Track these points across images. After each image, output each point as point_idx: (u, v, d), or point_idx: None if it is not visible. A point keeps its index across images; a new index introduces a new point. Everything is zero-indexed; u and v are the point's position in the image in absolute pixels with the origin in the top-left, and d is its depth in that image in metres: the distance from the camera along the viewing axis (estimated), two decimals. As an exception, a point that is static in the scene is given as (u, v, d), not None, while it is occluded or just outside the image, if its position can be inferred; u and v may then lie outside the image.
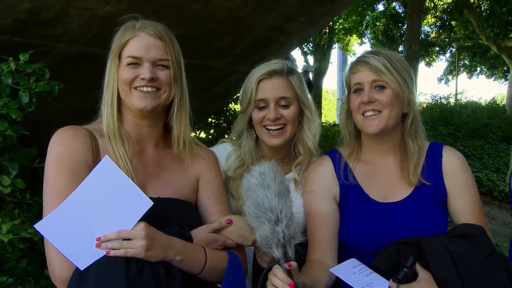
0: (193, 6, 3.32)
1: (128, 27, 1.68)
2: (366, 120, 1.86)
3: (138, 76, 1.63)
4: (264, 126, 2.08)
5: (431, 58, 25.64)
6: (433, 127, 12.00)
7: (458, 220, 1.88)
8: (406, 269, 1.58)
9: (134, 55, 1.63)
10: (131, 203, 1.45)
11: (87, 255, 1.42)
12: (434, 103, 18.00)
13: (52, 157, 1.57)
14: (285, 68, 2.09)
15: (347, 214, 1.91)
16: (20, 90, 2.46)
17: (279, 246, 1.47)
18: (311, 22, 4.25)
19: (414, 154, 1.89)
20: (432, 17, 21.83)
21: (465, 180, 1.90)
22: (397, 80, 1.82)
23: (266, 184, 1.54)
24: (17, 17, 2.84)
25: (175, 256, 1.49)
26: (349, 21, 19.49)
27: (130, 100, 1.66)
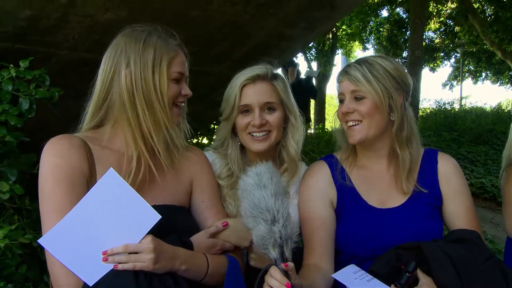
0: (191, 13, 3.35)
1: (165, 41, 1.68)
2: (348, 130, 1.89)
3: (180, 92, 1.69)
4: (249, 132, 2.05)
5: (436, 64, 25.61)
6: (437, 133, 11.97)
7: (452, 225, 1.89)
8: (408, 273, 1.59)
9: (182, 72, 1.69)
10: (138, 217, 1.43)
11: (94, 269, 1.41)
12: (438, 108, 17.96)
13: (49, 169, 1.53)
14: (269, 72, 2.07)
15: (343, 219, 1.92)
16: (20, 97, 2.50)
17: (276, 246, 1.48)
18: (311, 28, 4.27)
19: (406, 163, 1.89)
20: (436, 23, 21.81)
21: (459, 185, 1.92)
22: (375, 90, 1.82)
23: (262, 184, 1.55)
24: (17, 24, 2.87)
25: (181, 266, 1.50)
26: (352, 27, 19.51)
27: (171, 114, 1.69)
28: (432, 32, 22.95)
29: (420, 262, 1.62)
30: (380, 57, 1.92)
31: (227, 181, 2.05)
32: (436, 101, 19.86)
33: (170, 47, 1.67)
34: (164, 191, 1.72)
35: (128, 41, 1.65)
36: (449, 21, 21.24)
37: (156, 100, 1.61)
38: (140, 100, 1.60)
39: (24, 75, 2.55)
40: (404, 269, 1.61)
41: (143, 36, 1.66)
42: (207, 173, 1.88)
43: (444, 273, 1.57)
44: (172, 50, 1.67)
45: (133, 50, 1.63)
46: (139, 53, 1.62)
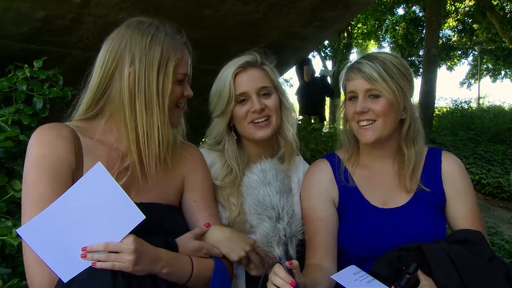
0: (204, 12, 3.36)
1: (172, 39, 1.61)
2: (360, 129, 1.84)
3: (182, 93, 1.64)
4: (250, 121, 1.97)
5: (453, 62, 25.27)
6: (453, 132, 11.82)
7: (456, 226, 1.86)
8: (409, 275, 1.55)
9: (186, 73, 1.63)
10: (122, 215, 1.37)
11: (71, 266, 1.34)
12: (454, 107, 17.72)
13: (34, 159, 1.46)
14: (258, 59, 2.01)
15: (345, 219, 1.89)
16: (34, 96, 2.52)
17: (280, 244, 1.45)
18: (324, 27, 4.25)
19: (411, 160, 1.86)
20: (453, 21, 21.51)
21: (464, 185, 1.89)
22: (391, 88, 1.78)
23: (267, 181, 1.52)
24: (32, 25, 2.91)
25: (162, 268, 1.44)
26: (368, 25, 19.37)
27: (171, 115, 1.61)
28: (449, 30, 22.66)
29: (422, 264, 1.59)
30: (388, 54, 1.87)
31: (227, 179, 1.99)
32: (452, 100, 19.63)
33: (177, 46, 1.59)
34: (153, 189, 1.65)
35: (133, 35, 1.56)
36: (467, 19, 20.92)
37: (156, 102, 1.55)
38: (140, 100, 1.53)
39: (38, 75, 2.57)
40: (405, 270, 1.58)
41: (150, 32, 1.57)
42: (201, 172, 1.80)
43: (445, 275, 1.54)
44: (179, 50, 1.59)
45: (138, 46, 1.53)
46: (145, 50, 1.53)
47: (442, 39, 21.60)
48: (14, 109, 2.32)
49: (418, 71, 18.76)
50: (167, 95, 1.56)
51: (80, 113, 1.63)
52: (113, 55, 1.55)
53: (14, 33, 2.92)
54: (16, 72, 2.56)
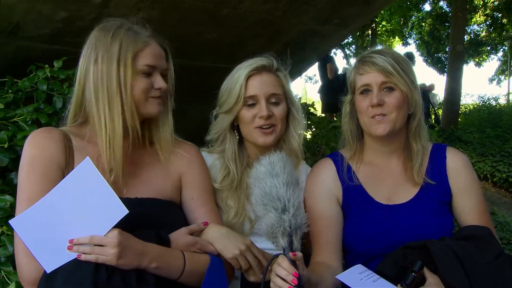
0: (222, 11, 3.35)
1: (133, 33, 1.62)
2: (374, 122, 1.81)
3: (151, 86, 1.63)
4: (256, 126, 1.95)
5: (481, 58, 24.62)
6: (480, 129, 11.52)
7: (463, 221, 1.83)
8: (414, 273, 1.53)
9: (151, 64, 1.62)
10: (107, 209, 1.41)
11: (56, 257, 1.39)
12: (481, 104, 17.27)
13: (25, 160, 1.55)
14: (274, 64, 1.99)
15: (350, 217, 1.87)
16: (54, 96, 2.57)
17: (285, 235, 1.44)
18: (344, 24, 4.19)
19: (419, 154, 1.84)
20: (481, 15, 20.96)
21: (469, 180, 1.85)
22: (405, 82, 1.78)
23: (275, 173, 1.52)
24: (54, 26, 2.95)
25: (150, 263, 1.44)
26: (392, 22, 19.07)
27: (145, 108, 1.63)
28: (477, 26, 22.09)
29: (427, 261, 1.56)
30: (394, 51, 1.89)
31: (225, 182, 1.97)
32: (479, 97, 19.11)
33: (139, 38, 1.61)
34: (149, 184, 1.67)
35: (98, 35, 1.61)
36: (496, 13, 20.35)
37: (118, 95, 1.57)
38: (103, 96, 1.56)
39: (58, 75, 2.62)
40: (410, 268, 1.55)
41: (111, 29, 1.61)
42: (198, 168, 1.80)
43: (451, 272, 1.50)
44: (140, 42, 1.60)
45: (101, 45, 1.58)
46: (106, 48, 1.57)
47: (470, 35, 21.08)
48: (33, 108, 2.36)
49: (445, 68, 18.37)
50: (129, 86, 1.58)
51: (70, 121, 1.70)
52: (84, 59, 1.63)
53: (36, 34, 2.98)
54: (37, 72, 2.61)
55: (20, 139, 2.16)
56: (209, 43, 3.60)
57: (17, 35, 2.94)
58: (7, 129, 2.25)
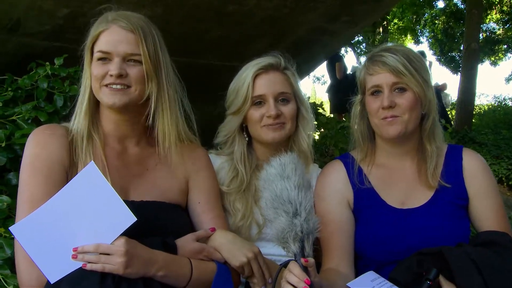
0: (228, 8, 3.31)
1: (101, 19, 1.61)
2: (385, 124, 1.76)
3: (107, 72, 1.55)
4: (264, 125, 1.95)
5: (497, 57, 24.34)
6: (495, 131, 11.39)
7: (481, 227, 1.77)
8: (429, 281, 1.49)
9: (104, 50, 1.56)
10: (114, 216, 1.37)
11: (60, 266, 1.35)
12: (497, 105, 17.08)
13: (28, 158, 1.52)
14: (282, 62, 1.98)
15: (362, 221, 1.83)
16: (55, 94, 2.55)
17: (296, 240, 1.41)
18: (354, 22, 4.13)
19: (433, 156, 1.80)
20: (497, 12, 20.73)
21: (487, 183, 1.80)
22: (418, 82, 1.73)
23: (286, 175, 1.48)
24: (55, 23, 2.94)
25: (157, 272, 1.41)
26: (405, 20, 18.92)
27: (100, 97, 1.59)
28: (493, 23, 21.84)
29: (443, 269, 1.52)
30: (405, 47, 1.83)
31: (233, 184, 1.95)
32: (494, 97, 18.91)
33: (100, 24, 1.58)
34: (154, 187, 1.65)
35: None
36: (512, 11, 20.11)
37: (87, 87, 1.59)
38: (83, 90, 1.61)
39: (58, 73, 2.60)
40: (425, 276, 1.50)
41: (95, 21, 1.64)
42: (206, 172, 1.78)
43: (469, 280, 1.46)
44: (100, 28, 1.57)
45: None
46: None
47: (486, 32, 20.84)
48: (32, 107, 2.34)
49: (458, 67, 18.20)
50: (88, 77, 1.58)
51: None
52: None
53: (37, 31, 2.96)
54: (38, 70, 2.60)
55: (18, 138, 2.15)
56: (215, 41, 3.56)
57: (17, 31, 2.93)
58: (5, 128, 2.24)
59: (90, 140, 1.60)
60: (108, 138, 1.67)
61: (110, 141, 1.67)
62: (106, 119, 1.66)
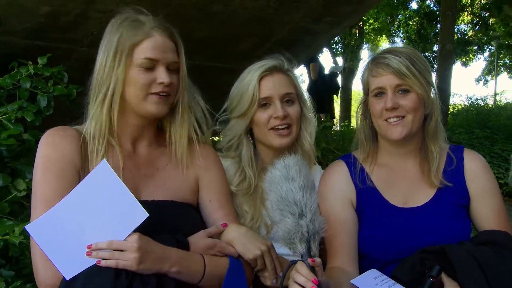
0: (213, 7, 3.34)
1: (136, 25, 1.59)
2: (389, 126, 1.79)
3: (154, 80, 1.57)
4: (271, 128, 1.97)
5: (468, 58, 25.02)
6: (468, 130, 11.70)
7: (481, 226, 1.81)
8: (432, 278, 1.51)
9: (151, 57, 1.56)
10: (126, 213, 1.40)
11: (75, 263, 1.38)
12: (470, 104, 17.54)
13: (40, 159, 1.54)
14: (285, 64, 2.01)
15: (365, 221, 1.86)
16: (38, 94, 2.51)
17: (303, 241, 1.43)
18: (337, 22, 4.21)
19: (436, 156, 1.83)
20: (468, 15, 21.30)
21: (488, 184, 1.84)
22: (421, 83, 1.76)
23: (290, 177, 1.51)
24: (36, 21, 2.91)
25: (171, 268, 1.43)
26: (380, 21, 19.24)
27: (143, 106, 1.59)
28: (464, 25, 22.43)
29: (445, 267, 1.55)
30: (408, 48, 1.85)
31: (240, 187, 1.97)
32: (468, 97, 19.39)
33: (139, 30, 1.57)
34: (165, 186, 1.67)
35: (107, 30, 1.61)
36: (483, 13, 20.69)
37: (112, 92, 1.56)
38: (101, 92, 1.56)
39: (42, 72, 2.56)
40: (428, 273, 1.54)
41: (116, 22, 1.59)
42: (215, 170, 1.79)
43: (471, 278, 1.50)
44: (140, 34, 1.56)
45: (107, 35, 1.58)
46: (107, 42, 1.57)
47: (457, 34, 21.38)
48: (17, 106, 2.31)
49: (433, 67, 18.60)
50: (121, 81, 1.56)
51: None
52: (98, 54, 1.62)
53: (18, 29, 2.92)
54: (20, 69, 2.55)
55: (4, 139, 2.11)
56: (201, 41, 3.58)
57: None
58: (-11, 128, 2.20)
59: (105, 141, 1.61)
60: (121, 139, 1.67)
61: (123, 142, 1.68)
62: (124, 122, 1.66)
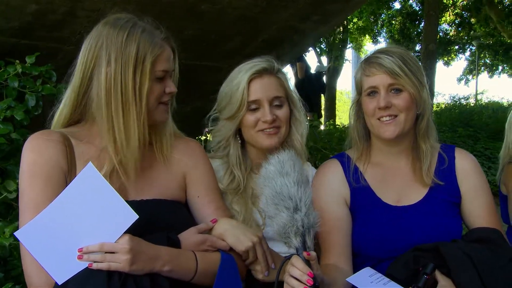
0: (201, 6, 3.34)
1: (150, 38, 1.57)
2: (382, 125, 1.83)
3: (163, 91, 1.61)
4: (259, 130, 1.96)
5: (450, 57, 25.35)
6: (451, 129, 11.86)
7: (472, 224, 1.86)
8: (427, 276, 1.54)
9: (166, 69, 1.59)
10: (116, 215, 1.39)
11: (66, 268, 1.38)
12: (452, 104, 17.80)
13: (26, 165, 1.53)
14: (275, 66, 1.99)
15: (358, 219, 1.88)
16: (26, 93, 2.49)
17: (298, 235, 1.45)
18: (324, 21, 4.25)
19: (427, 155, 1.87)
20: (451, 15, 21.59)
21: (479, 182, 1.89)
22: (413, 83, 1.79)
23: (285, 172, 1.52)
24: (24, 19, 2.88)
25: (163, 267, 1.43)
26: (364, 20, 19.38)
27: (154, 114, 1.62)
28: (446, 25, 22.72)
29: (439, 264, 1.59)
30: (401, 49, 1.88)
31: (230, 187, 1.98)
32: (451, 96, 19.68)
33: (156, 42, 1.58)
34: (153, 185, 1.67)
35: (110, 33, 1.55)
36: (465, 13, 20.99)
37: (133, 101, 1.54)
38: (116, 100, 1.53)
39: (30, 71, 2.54)
40: (422, 271, 1.57)
41: (126, 28, 1.55)
42: (202, 165, 1.79)
43: (465, 275, 1.53)
44: (157, 46, 1.57)
45: (114, 45, 1.53)
46: (120, 49, 1.53)
47: (439, 33, 21.66)
48: (6, 105, 2.29)
49: (416, 66, 18.76)
50: (145, 94, 1.56)
51: (63, 121, 1.66)
52: (91, 55, 1.56)
53: (5, 28, 2.89)
54: (7, 68, 2.53)
55: (-6, 138, 2.10)
56: (189, 40, 3.58)
57: (-17, 28, 2.86)
58: (-22, 128, 2.18)
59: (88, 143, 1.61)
60: None
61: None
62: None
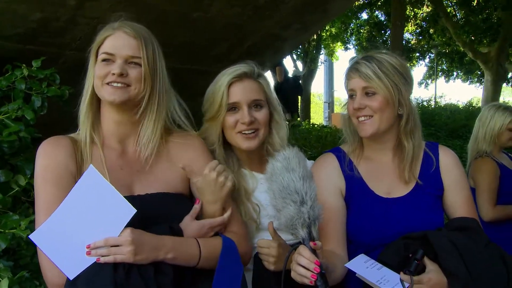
0: (193, 14, 3.34)
1: (108, 26, 1.67)
2: (359, 124, 1.88)
3: (110, 71, 1.59)
4: (239, 131, 1.94)
5: (412, 64, 25.81)
6: (415, 128, 12.04)
7: (453, 214, 1.91)
8: (417, 261, 1.60)
9: (108, 52, 1.61)
10: (116, 211, 1.42)
11: (77, 264, 1.41)
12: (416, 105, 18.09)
13: (38, 170, 1.56)
14: (255, 70, 1.97)
15: (352, 208, 1.92)
16: (32, 95, 2.46)
17: (304, 226, 1.47)
18: (304, 29, 4.30)
19: (409, 153, 1.90)
20: (412, 25, 21.99)
21: (459, 176, 1.95)
22: (386, 86, 1.81)
23: (291, 168, 1.53)
24: (28, 26, 2.84)
25: (166, 254, 1.43)
26: (336, 27, 19.57)
27: (102, 95, 1.62)
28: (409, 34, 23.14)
29: (427, 251, 1.65)
30: (386, 54, 1.90)
31: None
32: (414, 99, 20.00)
33: (105, 31, 1.65)
34: (156, 179, 1.66)
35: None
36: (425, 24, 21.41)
37: (90, 86, 1.64)
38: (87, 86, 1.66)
39: (36, 74, 2.51)
40: (413, 257, 1.62)
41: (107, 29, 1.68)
42: (203, 157, 1.78)
43: (450, 260, 1.59)
44: (105, 33, 1.64)
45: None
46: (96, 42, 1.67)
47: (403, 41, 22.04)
48: (17, 106, 2.26)
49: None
50: (91, 77, 1.64)
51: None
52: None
53: (11, 34, 2.84)
54: (15, 72, 2.50)
55: (6, 136, 2.07)
56: (180, 46, 3.58)
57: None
58: (-10, 127, 2.15)
59: (92, 143, 1.64)
60: (109, 139, 1.68)
61: (112, 142, 1.68)
62: (107, 120, 1.68)
